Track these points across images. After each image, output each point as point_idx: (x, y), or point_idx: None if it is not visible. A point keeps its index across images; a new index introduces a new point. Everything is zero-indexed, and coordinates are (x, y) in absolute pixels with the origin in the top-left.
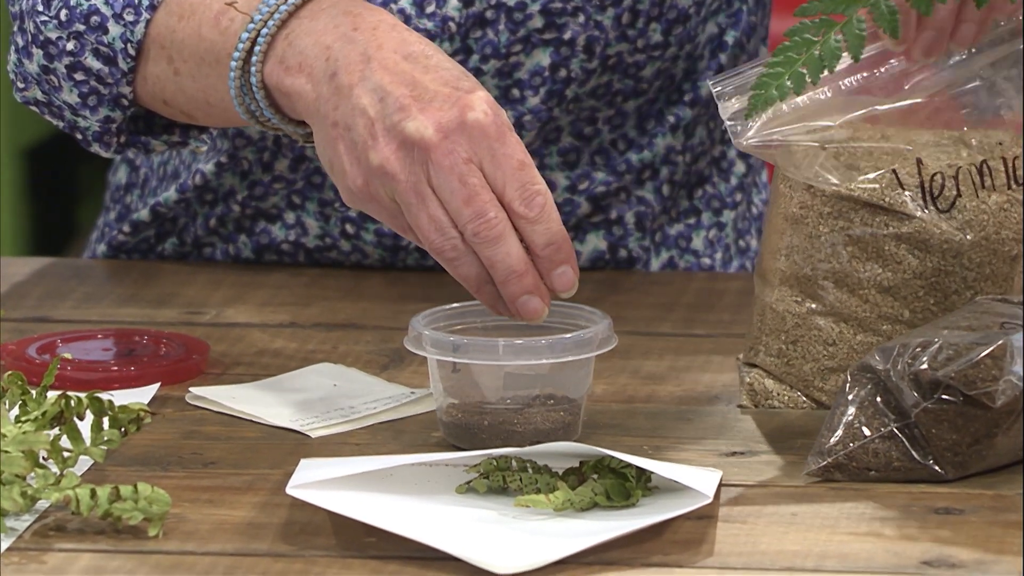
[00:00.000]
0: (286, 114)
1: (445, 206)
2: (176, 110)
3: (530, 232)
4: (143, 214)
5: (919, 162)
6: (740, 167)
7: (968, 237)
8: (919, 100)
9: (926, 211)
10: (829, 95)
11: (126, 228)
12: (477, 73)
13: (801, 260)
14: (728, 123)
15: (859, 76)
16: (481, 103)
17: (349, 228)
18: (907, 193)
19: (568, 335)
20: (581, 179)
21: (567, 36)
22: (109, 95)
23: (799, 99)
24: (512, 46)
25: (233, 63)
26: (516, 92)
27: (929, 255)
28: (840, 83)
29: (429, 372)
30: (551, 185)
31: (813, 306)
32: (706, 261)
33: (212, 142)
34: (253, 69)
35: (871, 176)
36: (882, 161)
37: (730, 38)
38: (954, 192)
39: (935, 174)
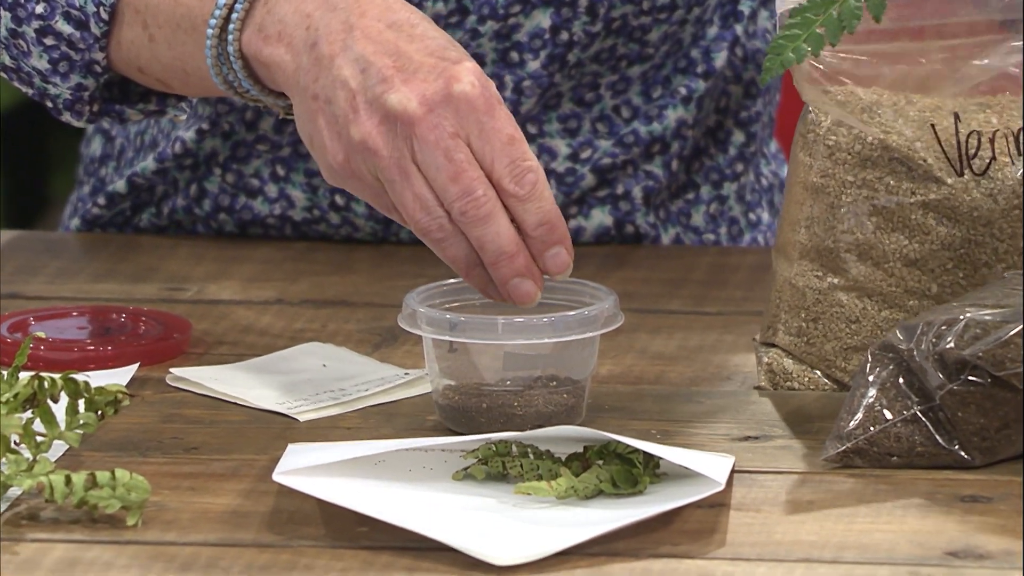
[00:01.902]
0: (266, 85)
1: (431, 183)
2: (152, 78)
3: (521, 211)
4: (119, 186)
5: (956, 117)
6: (739, 136)
7: (1000, 205)
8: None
9: (958, 175)
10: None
11: (101, 200)
12: (474, 35)
13: (822, 232)
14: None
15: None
16: (468, 74)
17: (339, 199)
18: (943, 153)
19: (571, 313)
20: (583, 147)
21: None
22: (81, 61)
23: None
24: (511, 6)
25: (209, 30)
26: (515, 55)
27: (958, 224)
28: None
29: (424, 352)
30: (551, 153)
31: (835, 281)
32: (709, 237)
33: (192, 110)
34: (230, 38)
35: (908, 129)
36: (915, 116)
37: (746, 8)
38: (989, 155)
39: (971, 133)
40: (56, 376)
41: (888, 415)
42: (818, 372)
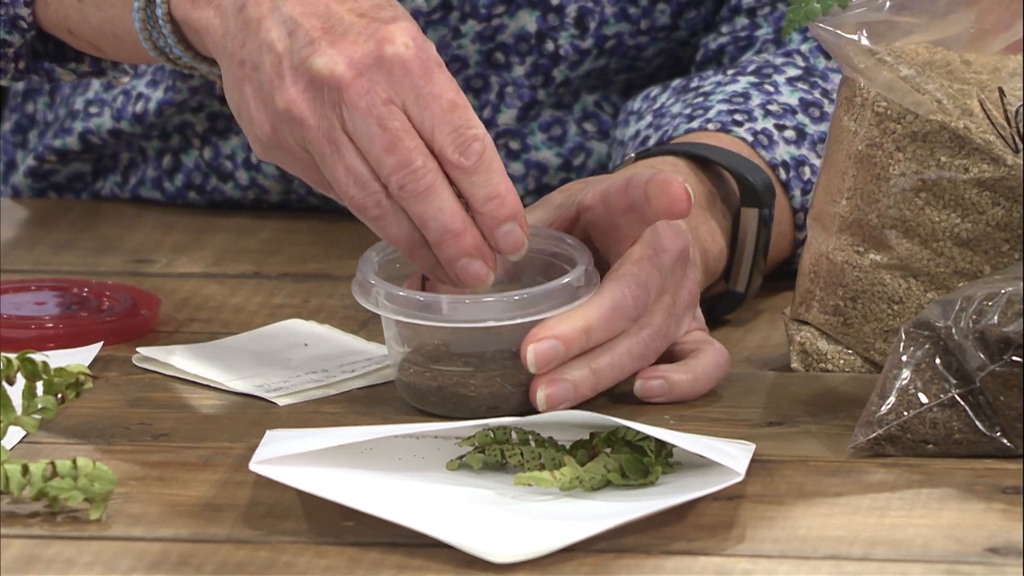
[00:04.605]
0: (198, 52)
1: (364, 155)
2: (83, 41)
3: (468, 184)
4: (71, 142)
5: (1000, 92)
6: None
7: None
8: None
9: (1016, 153)
10: None
11: (50, 157)
12: (455, 35)
13: (866, 205)
14: None
15: None
16: (402, 34)
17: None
18: (995, 130)
19: (524, 292)
20: (575, 153)
21: (555, 1)
22: (5, 16)
23: None
24: (494, 7)
25: None
26: (500, 57)
27: (1016, 204)
28: None
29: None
30: (541, 167)
31: (878, 258)
32: None
33: (151, 73)
34: (158, 0)
35: (951, 104)
36: (958, 88)
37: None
38: None
39: (1020, 108)
40: (12, 356)
41: (923, 399)
42: (855, 354)
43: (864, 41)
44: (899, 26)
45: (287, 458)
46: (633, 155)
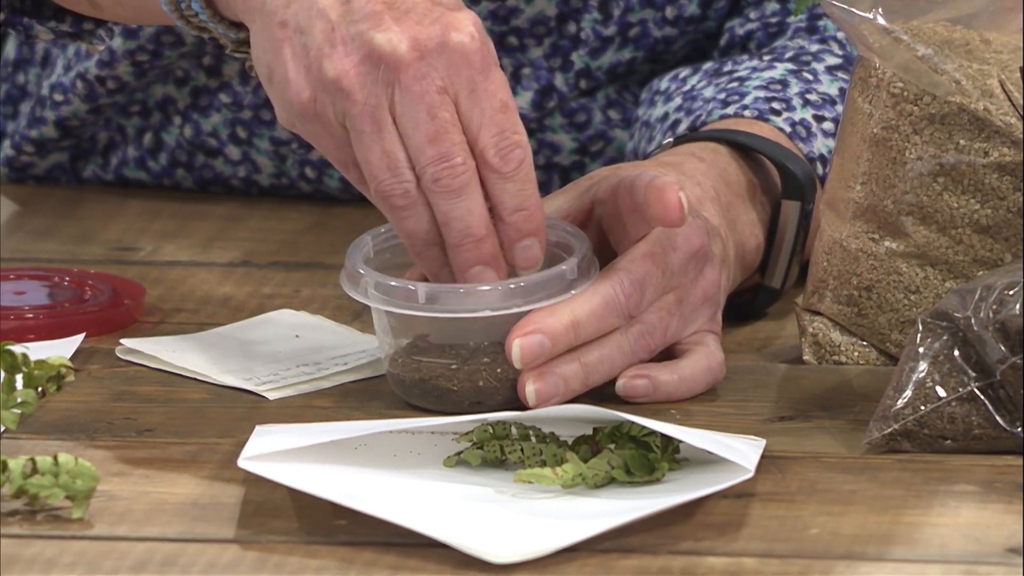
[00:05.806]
0: (218, 10)
1: (405, 141)
2: None
3: (500, 190)
4: (48, 131)
5: (1022, 72)
6: None
7: None
8: None
9: None
10: None
11: (28, 148)
12: None
13: (881, 191)
14: None
15: None
16: (468, 25)
17: (309, 172)
18: (1017, 111)
19: (509, 282)
20: (594, 140)
21: None
22: None
23: None
24: None
25: None
26: (514, 40)
27: None
28: None
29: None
30: (554, 148)
31: (894, 245)
32: None
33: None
34: None
35: (971, 85)
36: (978, 68)
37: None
38: None
39: None
40: None
41: (941, 392)
42: (870, 346)
43: (879, 19)
44: (916, 3)
45: (277, 454)
46: (672, 139)
